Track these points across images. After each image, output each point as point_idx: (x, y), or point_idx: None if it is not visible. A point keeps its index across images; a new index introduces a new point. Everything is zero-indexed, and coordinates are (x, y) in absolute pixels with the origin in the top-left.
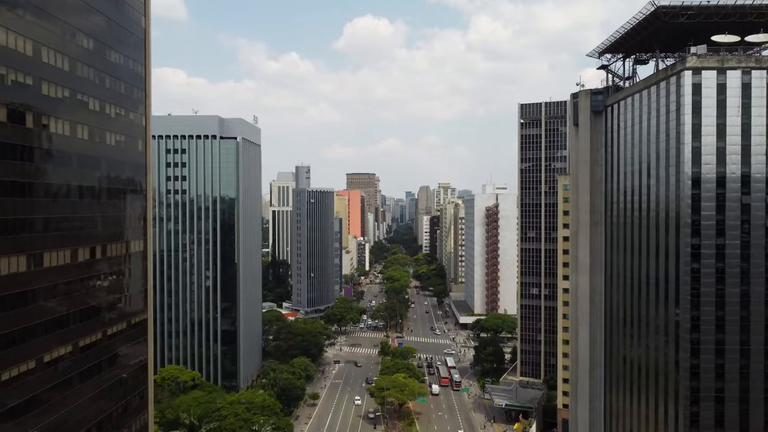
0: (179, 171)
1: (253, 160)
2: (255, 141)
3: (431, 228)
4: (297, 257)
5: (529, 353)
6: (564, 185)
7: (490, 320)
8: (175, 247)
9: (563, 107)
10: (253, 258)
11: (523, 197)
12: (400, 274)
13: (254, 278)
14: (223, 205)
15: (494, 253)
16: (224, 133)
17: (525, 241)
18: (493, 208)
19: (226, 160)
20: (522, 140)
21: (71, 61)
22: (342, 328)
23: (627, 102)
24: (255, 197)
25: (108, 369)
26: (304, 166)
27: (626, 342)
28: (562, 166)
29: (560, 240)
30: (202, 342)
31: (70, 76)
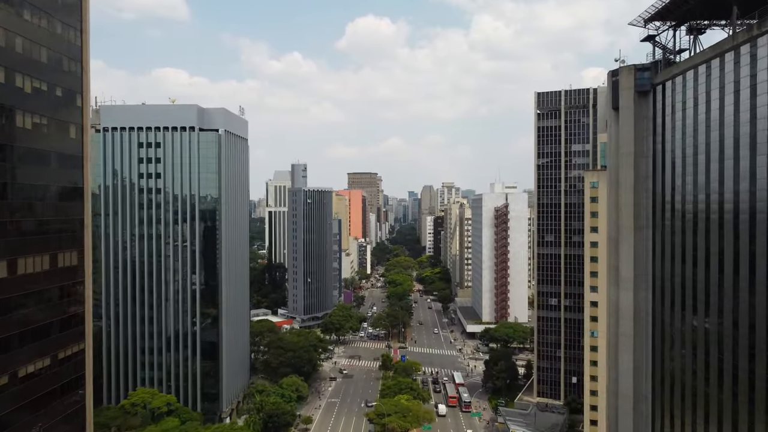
0: (153, 167)
1: (239, 156)
2: (241, 134)
3: (435, 229)
4: (293, 261)
5: (547, 371)
6: (592, 182)
7: (500, 330)
8: (149, 252)
9: (585, 96)
10: (240, 264)
11: (540, 197)
12: (402, 277)
13: (241, 286)
14: (203, 206)
15: (504, 257)
16: (204, 124)
17: (542, 246)
18: (503, 209)
19: (206, 154)
20: (539, 133)
21: None
22: (340, 337)
23: (684, 78)
24: (242, 196)
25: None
26: (301, 163)
27: (685, 374)
28: (584, 162)
29: (587, 246)
30: (179, 360)
31: None
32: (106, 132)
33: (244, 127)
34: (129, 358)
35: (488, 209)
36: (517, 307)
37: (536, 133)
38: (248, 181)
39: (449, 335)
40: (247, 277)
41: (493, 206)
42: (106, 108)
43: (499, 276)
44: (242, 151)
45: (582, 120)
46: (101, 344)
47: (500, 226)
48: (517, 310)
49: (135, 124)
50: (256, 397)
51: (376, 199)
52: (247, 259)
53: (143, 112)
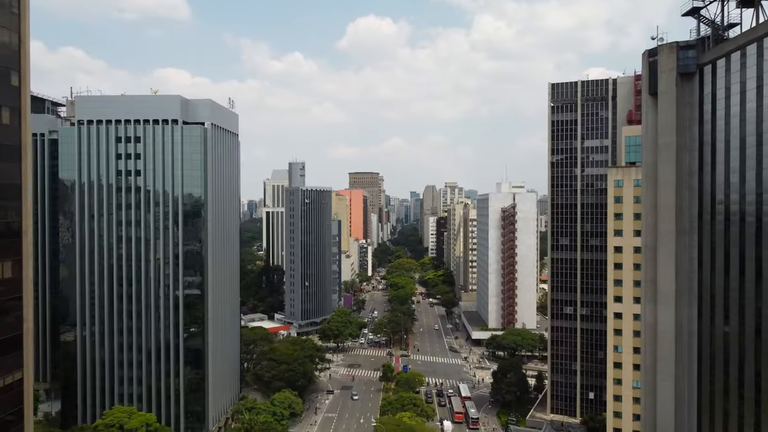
0: (133, 164)
1: (229, 152)
2: (230, 128)
3: (438, 230)
4: (290, 264)
5: (562, 385)
6: (616, 181)
7: (507, 337)
8: (127, 257)
9: (604, 87)
10: (229, 268)
11: (554, 197)
12: (404, 280)
13: (230, 292)
14: (187, 206)
15: (511, 260)
16: (189, 117)
17: (556, 250)
18: (510, 209)
19: (190, 150)
20: (553, 127)
21: None
22: (339, 344)
23: (742, 55)
24: (231, 196)
25: None
26: (299, 162)
27: (740, 408)
28: (602, 159)
29: (609, 251)
30: (161, 374)
31: None
32: (82, 125)
33: (233, 121)
34: (106, 372)
35: (495, 210)
36: (525, 312)
37: (550, 127)
38: (239, 179)
39: (453, 342)
40: (237, 281)
41: (499, 207)
42: (82, 99)
43: (506, 280)
44: (232, 147)
45: (600, 113)
46: (75, 357)
47: (507, 228)
48: (525, 316)
49: (113, 116)
50: (245, 416)
51: (377, 200)
52: (237, 263)
53: (122, 104)
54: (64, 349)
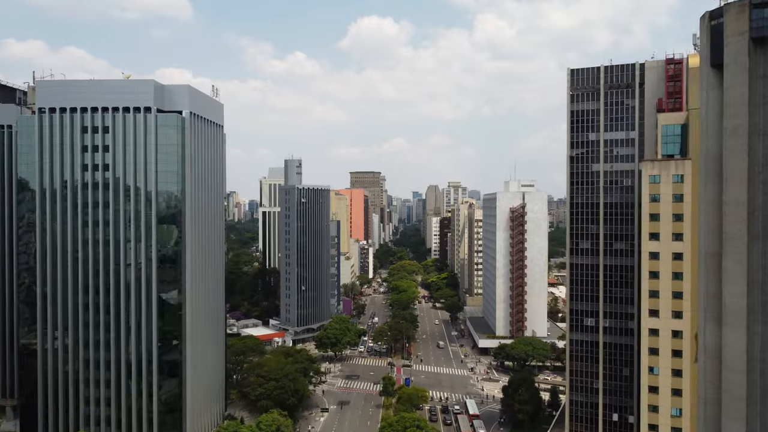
0: (101, 157)
1: (212, 145)
2: (213, 119)
3: (441, 231)
4: (285, 267)
5: (582, 405)
6: (652, 176)
7: (517, 347)
8: (94, 262)
9: (630, 73)
10: (212, 273)
11: (573, 195)
12: (407, 284)
13: (214, 299)
14: (162, 204)
15: (520, 263)
16: (165, 105)
17: (575, 255)
18: (519, 209)
19: (166, 141)
20: (572, 118)
21: None
22: (337, 353)
23: None
24: (214, 193)
25: None
26: (295, 159)
27: None
28: (628, 153)
29: (644, 257)
30: (132, 395)
31: None
32: (43, 113)
33: (218, 111)
34: (70, 390)
35: (503, 210)
36: (535, 319)
37: (569, 118)
38: (223, 175)
39: (459, 350)
40: (222, 288)
41: (508, 206)
42: (43, 84)
43: (515, 285)
44: (215, 140)
45: (626, 102)
46: (36, 375)
47: (516, 229)
48: (535, 323)
49: (79, 103)
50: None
51: (379, 199)
52: (222, 267)
53: (88, 89)
54: (26, 364)
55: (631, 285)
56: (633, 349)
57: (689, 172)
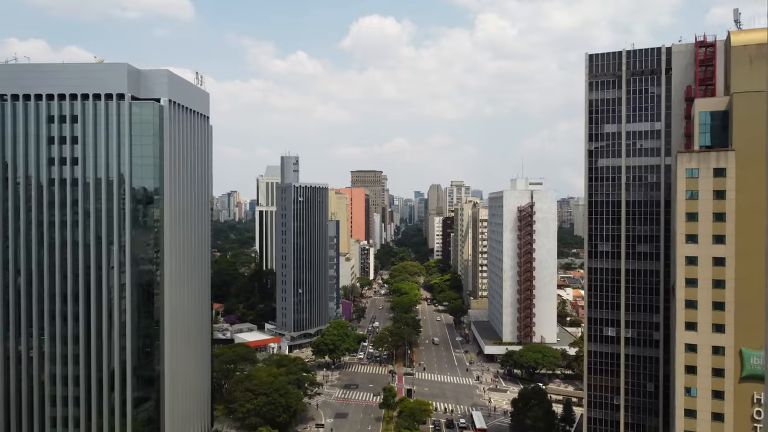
0: (69, 150)
1: (196, 137)
2: (197, 108)
3: (444, 231)
4: (281, 269)
5: (601, 423)
6: (689, 170)
7: (526, 354)
8: (61, 267)
9: (655, 58)
10: (195, 278)
11: (591, 193)
12: (409, 286)
13: (198, 308)
14: (137, 203)
15: (528, 266)
16: (140, 91)
17: (594, 258)
18: (527, 208)
19: (140, 132)
20: (591, 108)
21: None
22: (335, 361)
23: None
24: (199, 190)
25: None
26: (292, 156)
27: None
28: (654, 146)
29: (680, 263)
30: (104, 414)
31: None
32: (4, 101)
33: (203, 101)
34: (35, 411)
35: (510, 209)
36: (544, 324)
37: (587, 108)
38: (209, 170)
39: (463, 357)
40: (208, 293)
41: (515, 205)
42: (4, 68)
43: (522, 288)
44: (200, 132)
45: (650, 90)
46: None
47: (524, 229)
48: (544, 329)
49: (44, 90)
50: None
51: (381, 199)
52: (208, 270)
53: (55, 74)
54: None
55: (657, 291)
56: (658, 362)
57: (732, 165)
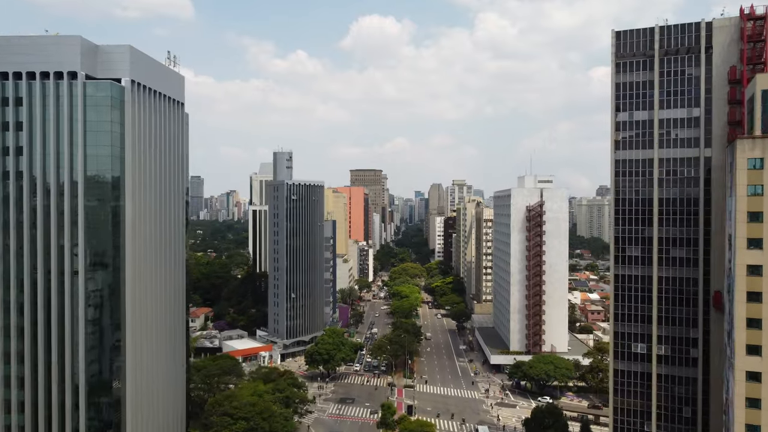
0: (12, 138)
1: (167, 126)
2: (169, 93)
3: (445, 231)
4: (274, 272)
5: None
6: (751, 160)
7: (536, 365)
8: (4, 273)
9: (693, 34)
10: (166, 283)
11: (619, 189)
12: (409, 289)
13: (168, 318)
14: (92, 199)
15: (537, 269)
16: (97, 70)
17: (621, 264)
18: (536, 208)
19: (96, 117)
20: (618, 93)
21: None
22: (330, 371)
23: None
24: (172, 186)
25: None
26: (285, 151)
27: None
28: (691, 136)
29: (740, 274)
30: None
31: None
32: None
33: (176, 85)
34: None
35: (518, 208)
36: (554, 332)
37: (613, 92)
38: (184, 163)
39: (468, 366)
40: (183, 300)
41: (524, 204)
42: None
43: (531, 293)
44: (173, 120)
45: (687, 71)
46: None
47: (533, 230)
48: (555, 337)
49: None
50: None
51: (380, 198)
52: (183, 274)
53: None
54: None
55: (695, 303)
56: (696, 383)
57: None
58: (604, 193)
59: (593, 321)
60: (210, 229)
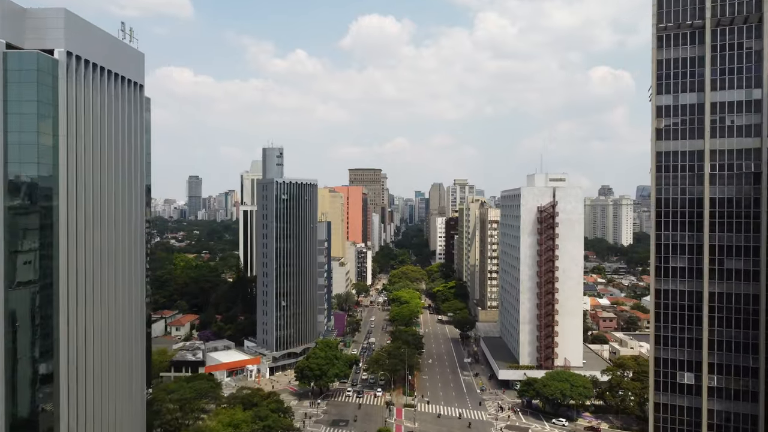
0: None
1: (120, 109)
2: (124, 72)
3: (447, 232)
4: (262, 278)
5: None
6: None
7: (550, 384)
8: None
9: (753, 0)
10: (117, 295)
11: (660, 187)
12: (409, 294)
13: (121, 334)
14: (13, 195)
15: (550, 275)
16: (23, 38)
17: (664, 276)
18: (549, 208)
19: (19, 96)
20: (660, 71)
21: None
22: (322, 388)
23: None
24: (125, 180)
25: None
26: (275, 147)
27: None
28: (751, 123)
29: None
30: None
31: None
32: None
33: (133, 63)
34: None
35: (528, 209)
36: (568, 345)
37: (655, 71)
38: (144, 154)
39: (473, 381)
40: (142, 318)
41: (535, 205)
42: None
43: (543, 302)
44: (128, 103)
45: (746, 45)
46: None
47: (545, 233)
48: (568, 350)
49: None
50: None
51: (380, 198)
52: (142, 283)
53: None
54: None
55: (755, 324)
56: (757, 421)
57: None
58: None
59: (605, 329)
60: (207, 229)
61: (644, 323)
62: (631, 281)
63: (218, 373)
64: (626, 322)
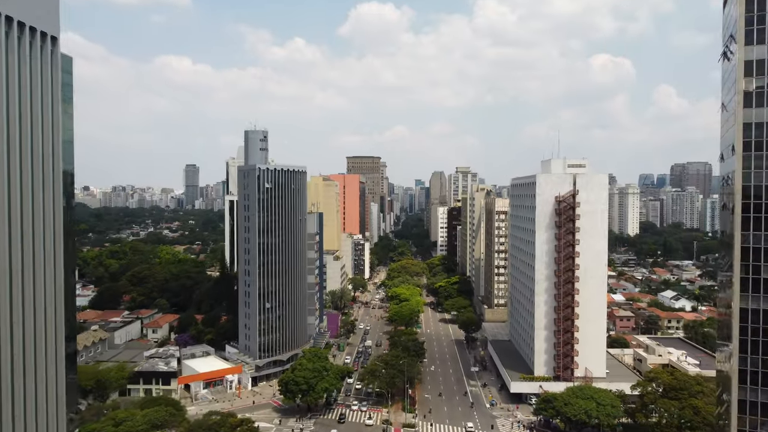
0: None
1: (21, 69)
2: (28, 20)
3: (449, 223)
4: (245, 277)
5: None
6: None
7: (573, 402)
8: None
9: None
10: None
11: (748, 173)
12: (409, 291)
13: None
14: None
15: (569, 275)
16: None
17: (753, 292)
18: (568, 198)
19: None
20: (750, 11)
21: None
22: (310, 405)
23: None
24: (35, 166)
25: None
26: (259, 130)
27: None
28: None
29: None
30: None
31: None
32: None
33: (42, 9)
34: None
35: (545, 199)
36: (589, 353)
37: (743, 10)
38: (60, 131)
39: (481, 393)
40: (61, 338)
41: (552, 194)
42: None
43: (561, 305)
44: (36, 62)
45: None
46: None
47: (564, 226)
48: (590, 359)
49: None
50: None
51: (379, 187)
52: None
53: None
54: None
55: None
56: None
57: None
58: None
59: (622, 329)
60: (203, 218)
61: (665, 323)
62: (643, 274)
63: (194, 384)
64: (645, 322)
